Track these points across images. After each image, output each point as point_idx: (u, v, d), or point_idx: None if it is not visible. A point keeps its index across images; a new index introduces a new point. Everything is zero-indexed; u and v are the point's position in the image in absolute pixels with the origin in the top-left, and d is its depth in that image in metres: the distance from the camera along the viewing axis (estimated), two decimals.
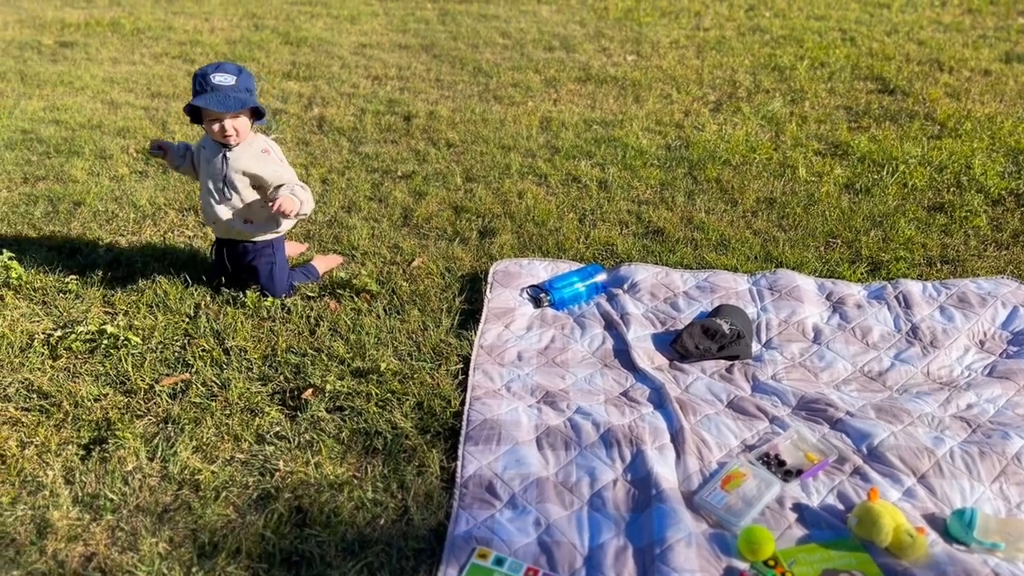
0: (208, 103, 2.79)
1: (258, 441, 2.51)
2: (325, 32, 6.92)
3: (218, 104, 2.79)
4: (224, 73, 2.81)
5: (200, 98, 2.80)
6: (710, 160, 4.37)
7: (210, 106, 2.79)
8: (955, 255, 3.47)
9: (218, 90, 2.79)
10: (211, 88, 2.79)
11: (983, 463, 2.34)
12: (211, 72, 2.81)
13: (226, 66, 2.84)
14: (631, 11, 7.40)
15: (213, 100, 2.79)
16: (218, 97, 2.79)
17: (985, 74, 5.65)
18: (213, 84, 2.79)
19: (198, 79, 2.81)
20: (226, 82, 2.80)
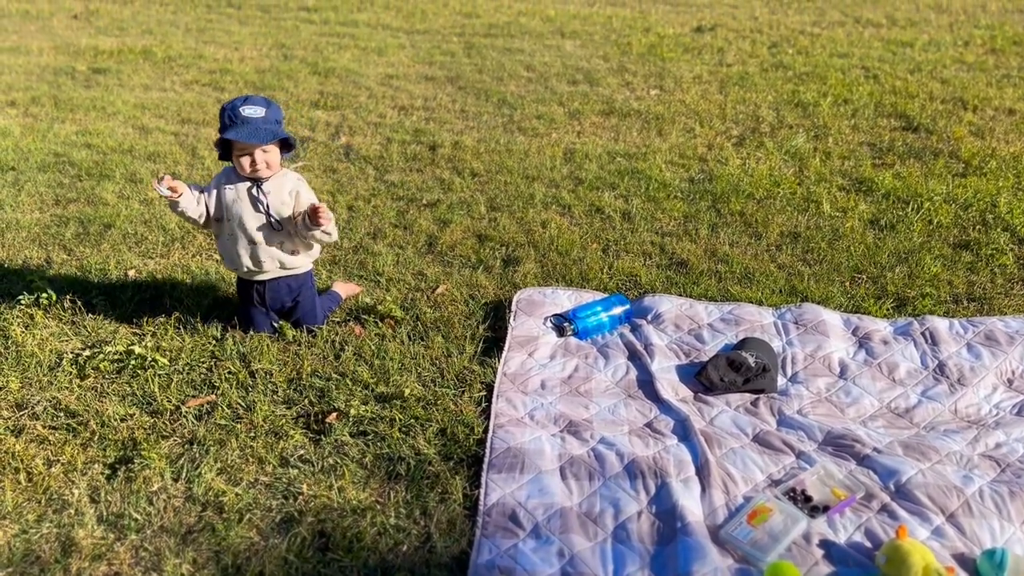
0: (239, 136, 2.77)
1: (282, 464, 2.52)
2: (353, 63, 7.03)
3: (249, 136, 2.77)
4: (253, 106, 2.79)
5: (231, 131, 2.77)
6: (734, 193, 4.38)
7: (241, 138, 2.77)
8: (982, 293, 3.45)
9: (248, 123, 2.77)
10: (241, 121, 2.77)
11: (1013, 503, 2.31)
12: (240, 105, 2.79)
13: (254, 99, 2.83)
14: (654, 47, 7.48)
15: (244, 132, 2.77)
16: (248, 130, 2.77)
17: (1010, 113, 5.65)
18: (243, 117, 2.77)
19: (227, 113, 2.79)
20: (256, 114, 2.78)
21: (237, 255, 2.99)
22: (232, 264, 3.04)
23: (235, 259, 3.00)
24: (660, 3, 9.48)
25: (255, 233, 2.94)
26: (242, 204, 2.91)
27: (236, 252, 2.98)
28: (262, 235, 2.95)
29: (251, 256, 2.98)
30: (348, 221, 4.10)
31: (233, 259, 3.01)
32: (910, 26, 8.16)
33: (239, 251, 2.98)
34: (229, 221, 2.94)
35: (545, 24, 8.46)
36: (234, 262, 3.02)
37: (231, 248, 2.99)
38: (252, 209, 2.92)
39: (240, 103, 2.80)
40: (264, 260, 2.99)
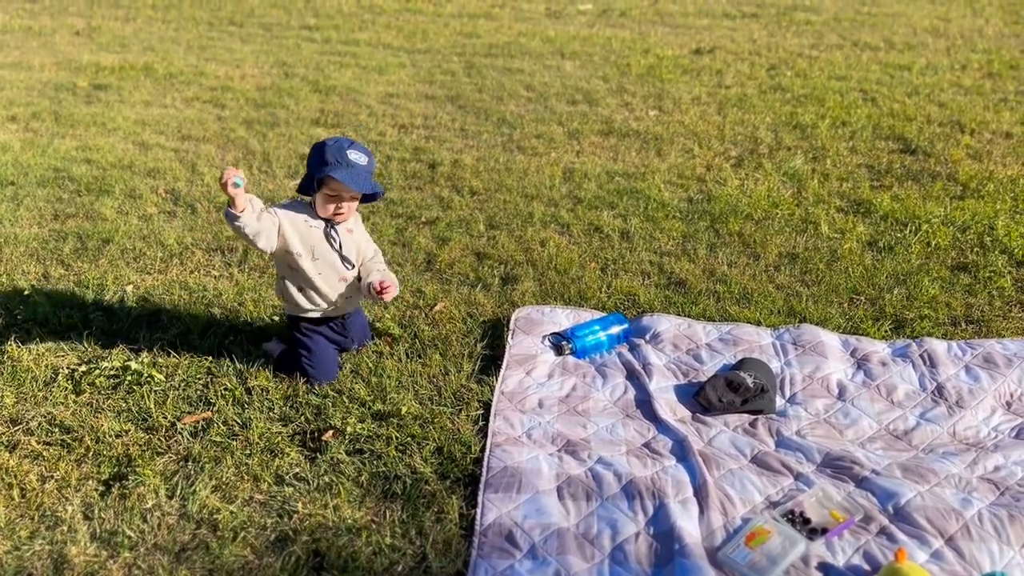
0: (346, 179, 2.64)
1: (277, 482, 2.50)
2: (353, 81, 7.06)
3: (353, 182, 2.66)
4: (359, 151, 2.69)
5: (339, 171, 2.64)
6: (732, 214, 4.39)
7: (347, 182, 2.65)
8: (980, 315, 3.45)
9: (353, 167, 2.67)
10: (346, 164, 2.66)
11: (1012, 527, 2.29)
12: (347, 147, 2.67)
13: (358, 145, 2.72)
14: (653, 68, 7.52)
15: (349, 176, 2.66)
16: (353, 174, 2.67)
17: (1007, 136, 5.67)
18: (349, 160, 2.66)
19: (332, 151, 2.65)
20: (360, 161, 2.68)
21: (321, 292, 2.86)
22: (311, 302, 2.89)
23: (316, 297, 2.87)
24: (659, 25, 9.55)
25: (338, 270, 2.86)
26: (325, 244, 2.82)
27: (320, 290, 2.86)
28: (342, 273, 2.87)
29: (336, 292, 2.88)
30: None
31: (312, 297, 2.87)
32: (908, 50, 8.22)
33: (324, 289, 2.86)
34: (317, 260, 2.82)
35: (545, 45, 8.51)
36: (313, 300, 2.88)
37: (316, 285, 2.85)
38: (331, 248, 2.83)
39: (346, 145, 2.68)
40: (351, 296, 2.93)
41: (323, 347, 2.95)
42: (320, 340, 2.95)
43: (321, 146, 2.70)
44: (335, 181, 2.66)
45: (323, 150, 2.68)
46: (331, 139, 2.72)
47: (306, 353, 2.92)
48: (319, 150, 2.70)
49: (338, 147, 2.67)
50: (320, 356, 2.94)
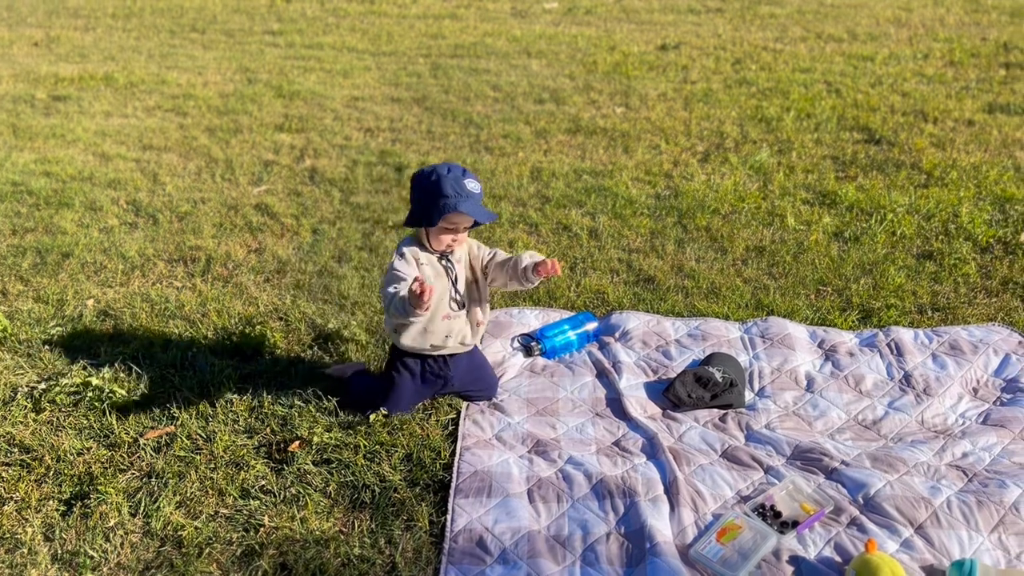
0: (472, 210, 2.50)
1: (243, 496, 2.46)
2: (318, 86, 7.00)
3: (478, 212, 2.51)
4: (473, 179, 2.55)
5: (465, 204, 2.49)
6: (699, 209, 4.39)
7: (473, 213, 2.50)
8: (945, 303, 3.47)
9: (472, 197, 2.52)
10: (467, 195, 2.51)
11: (981, 513, 2.31)
12: (463, 177, 2.52)
13: (468, 172, 2.56)
14: (619, 65, 7.52)
15: (474, 207, 2.51)
16: (475, 204, 2.52)
17: (969, 124, 5.73)
18: (469, 191, 2.51)
19: (451, 183, 2.49)
20: (477, 190, 2.54)
21: (429, 331, 2.69)
22: (416, 341, 2.71)
23: (424, 336, 2.70)
24: (625, 22, 9.57)
25: (447, 307, 2.70)
26: (440, 279, 2.67)
27: (429, 328, 2.69)
28: (445, 311, 2.70)
29: (444, 330, 2.71)
30: (312, 245, 4.06)
31: (420, 336, 2.70)
32: (871, 40, 8.29)
33: (433, 327, 2.69)
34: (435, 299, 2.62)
35: (511, 44, 8.49)
36: (420, 339, 2.70)
37: (423, 325, 2.68)
38: (446, 282, 2.68)
39: (460, 174, 2.53)
40: (451, 335, 2.74)
41: (408, 384, 2.77)
42: (408, 377, 2.77)
43: (435, 178, 2.51)
44: (460, 214, 2.51)
45: (440, 183, 2.49)
46: (440, 168, 2.54)
47: (388, 384, 2.77)
48: (435, 183, 2.50)
49: (455, 178, 2.51)
50: (401, 391, 2.76)
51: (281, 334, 3.25)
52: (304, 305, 3.48)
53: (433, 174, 2.53)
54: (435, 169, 2.55)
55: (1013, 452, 2.61)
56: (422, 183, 2.56)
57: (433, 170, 2.55)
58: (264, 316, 3.41)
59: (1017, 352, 3.10)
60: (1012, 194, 4.46)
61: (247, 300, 3.54)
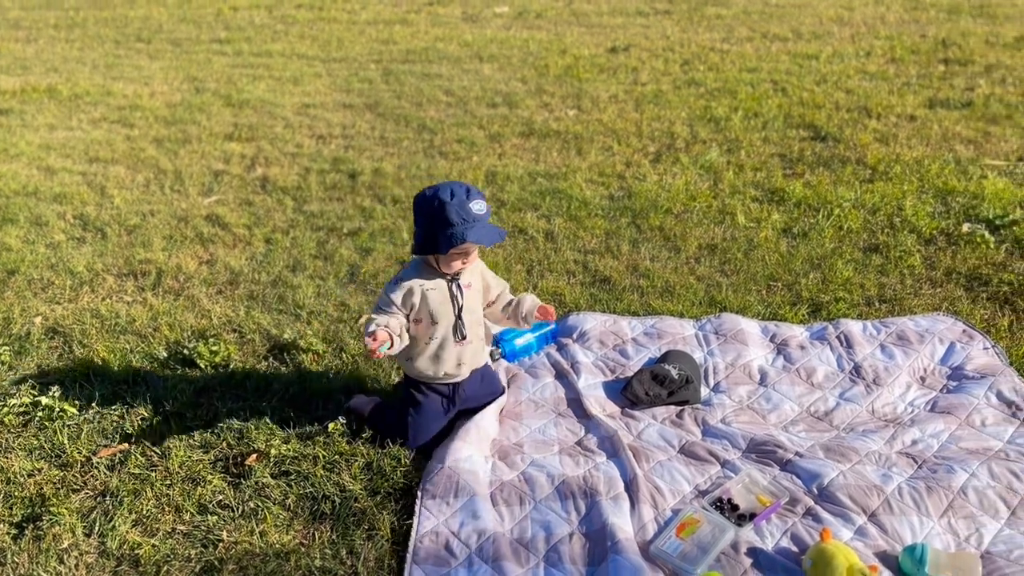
0: (481, 238, 2.40)
1: (200, 511, 2.42)
2: (268, 93, 6.93)
3: (486, 237, 2.42)
4: (478, 199, 2.42)
5: (472, 232, 2.39)
6: (652, 209, 4.44)
7: (482, 241, 2.40)
8: (892, 294, 3.56)
9: (479, 220, 2.41)
10: (473, 220, 2.40)
11: (931, 498, 2.37)
12: (468, 200, 2.40)
13: (473, 190, 2.43)
14: (570, 68, 7.58)
15: (482, 234, 2.41)
16: (482, 229, 2.42)
17: (911, 119, 5.89)
18: (474, 215, 2.40)
19: (456, 210, 2.37)
20: (484, 210, 2.43)
21: (440, 359, 2.62)
22: (428, 369, 2.64)
23: (435, 364, 2.63)
24: (575, 25, 9.63)
25: (461, 331, 2.61)
26: (447, 305, 2.57)
27: (440, 356, 2.61)
28: (467, 332, 2.62)
29: (456, 356, 2.64)
30: (266, 255, 4.02)
31: (431, 364, 2.63)
32: (815, 39, 8.46)
33: (444, 355, 2.61)
34: (435, 324, 2.57)
35: (463, 49, 8.50)
36: (432, 367, 2.64)
37: (435, 352, 2.61)
38: (453, 308, 2.59)
39: (465, 197, 2.40)
40: (465, 362, 2.67)
41: (427, 414, 2.69)
42: (425, 408, 2.70)
43: (438, 205, 2.39)
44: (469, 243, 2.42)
45: (445, 210, 2.37)
46: (443, 192, 2.41)
47: (408, 418, 2.68)
48: (439, 211, 2.38)
49: (460, 203, 2.38)
50: (420, 423, 2.68)
51: (235, 346, 3.21)
52: (258, 316, 3.45)
53: (436, 200, 2.39)
54: (437, 194, 2.40)
55: (960, 438, 2.68)
56: (426, 210, 2.43)
57: (435, 195, 2.41)
58: (217, 329, 3.36)
59: (962, 340, 3.19)
60: (953, 186, 4.59)
61: (199, 313, 3.49)
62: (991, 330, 3.27)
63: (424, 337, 2.60)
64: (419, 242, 2.50)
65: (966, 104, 6.16)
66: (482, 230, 2.42)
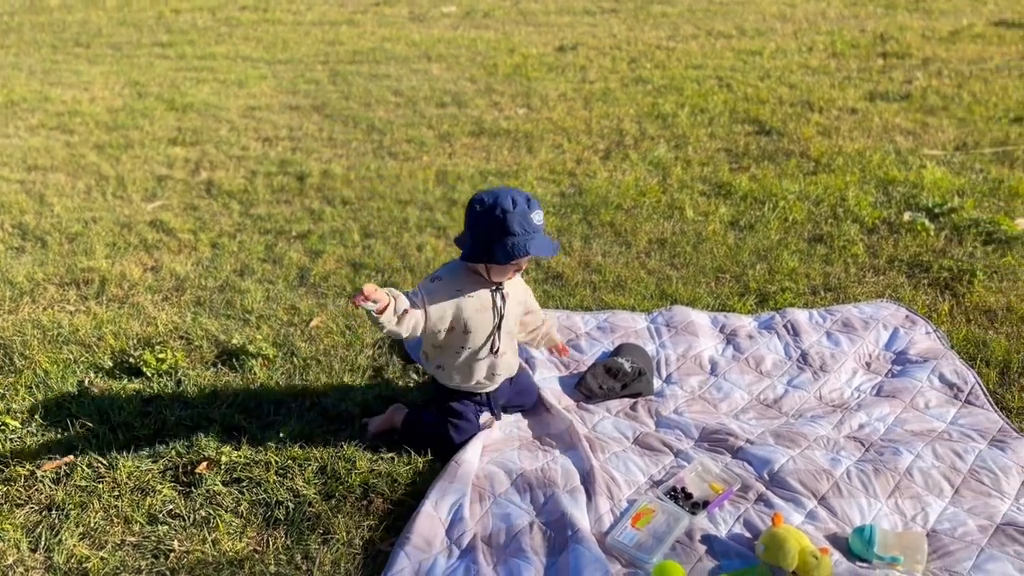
0: (542, 249, 2.33)
1: (150, 522, 2.37)
2: (212, 96, 6.81)
3: (547, 248, 2.35)
4: (538, 210, 2.34)
5: (534, 244, 2.31)
6: (603, 205, 4.48)
7: (543, 253, 2.34)
8: (836, 283, 3.64)
9: (538, 231, 2.33)
10: (534, 231, 2.31)
11: (878, 480, 2.43)
12: (529, 210, 2.31)
13: (534, 201, 2.34)
14: (519, 67, 7.59)
15: (543, 245, 2.34)
16: (541, 241, 2.34)
17: (852, 112, 6.02)
18: (535, 225, 2.32)
19: (519, 219, 2.27)
20: (541, 220, 2.35)
21: (473, 369, 2.55)
22: (463, 377, 2.57)
23: (467, 373, 2.55)
24: (523, 24, 9.66)
25: (496, 343, 2.53)
26: (486, 314, 2.48)
27: (472, 366, 2.54)
28: (501, 344, 2.54)
29: (488, 367, 2.57)
30: (212, 259, 3.95)
31: (463, 374, 2.56)
32: (758, 36, 8.61)
33: (476, 365, 2.54)
34: (468, 334, 2.48)
35: (411, 49, 8.46)
36: (463, 377, 2.56)
37: (467, 362, 2.53)
38: (492, 317, 2.50)
39: (527, 207, 2.30)
40: (498, 372, 2.61)
41: (471, 417, 2.63)
42: (471, 406, 2.65)
43: (499, 213, 2.28)
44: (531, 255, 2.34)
45: (507, 220, 2.28)
46: (503, 199, 2.30)
47: (455, 418, 2.60)
48: (502, 220, 2.28)
49: (522, 214, 2.28)
50: (469, 423, 2.62)
51: (183, 353, 3.15)
52: (206, 322, 3.39)
53: (498, 208, 2.29)
54: (498, 201, 2.30)
55: (905, 420, 2.76)
56: (484, 219, 2.31)
57: (496, 203, 2.30)
58: (164, 336, 3.30)
59: (904, 326, 3.27)
60: (894, 176, 4.71)
61: (145, 321, 3.42)
62: (932, 315, 3.36)
63: (456, 346, 2.50)
64: (470, 250, 2.37)
65: (904, 96, 6.33)
66: (542, 241, 2.34)
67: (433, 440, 2.61)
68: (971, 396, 2.86)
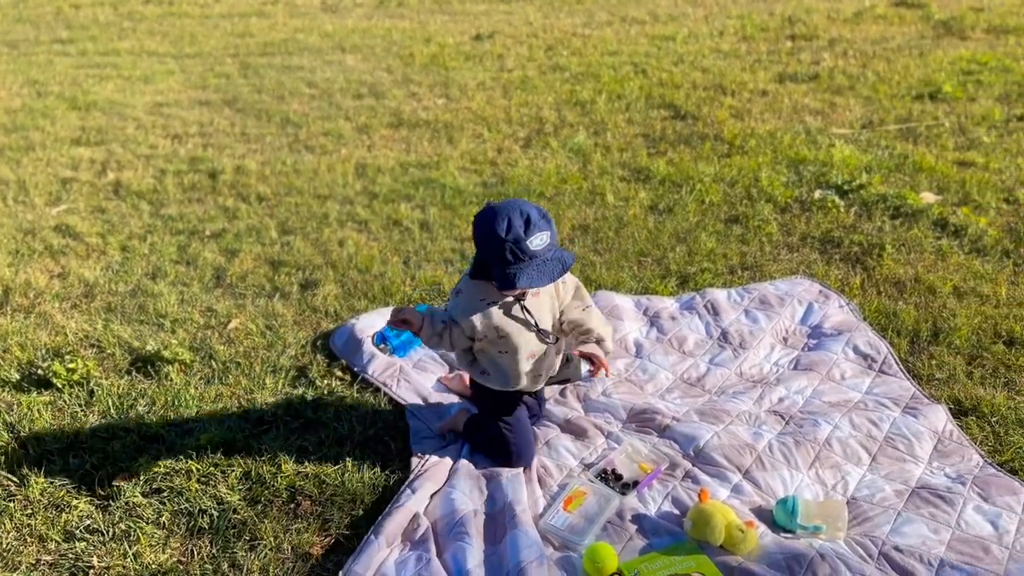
0: (531, 281, 2.16)
1: (67, 539, 2.27)
2: (117, 94, 6.55)
3: (545, 277, 2.18)
4: (542, 232, 2.15)
5: (523, 277, 2.15)
6: (525, 193, 4.48)
7: (535, 285, 2.17)
8: (753, 261, 3.73)
9: (536, 257, 2.16)
10: (528, 257, 2.15)
11: (799, 452, 2.50)
12: (527, 234, 2.13)
13: (536, 220, 2.16)
14: (436, 56, 7.53)
15: (538, 275, 2.17)
16: (541, 267, 2.18)
17: (763, 94, 6.17)
18: (533, 252, 2.14)
19: (511, 248, 2.13)
20: (544, 243, 2.16)
21: (515, 373, 2.44)
22: (505, 380, 2.47)
23: (510, 376, 2.45)
24: (438, 13, 9.58)
25: (528, 347, 2.41)
26: (513, 321, 2.37)
27: (514, 369, 2.44)
28: (531, 349, 2.43)
29: (531, 370, 2.47)
30: (123, 263, 3.80)
31: (507, 375, 2.45)
32: (671, 21, 8.74)
33: (518, 369, 2.43)
34: (503, 338, 2.38)
35: (324, 40, 8.30)
36: (507, 378, 2.46)
37: (507, 364, 2.43)
38: (522, 326, 2.39)
39: (523, 232, 2.13)
40: (542, 373, 2.51)
41: (524, 420, 2.55)
42: (523, 412, 2.55)
43: (493, 238, 2.15)
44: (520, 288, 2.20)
45: (497, 247, 2.15)
46: (499, 221, 2.15)
47: (507, 427, 2.51)
48: (492, 245, 2.16)
49: (515, 240, 2.13)
50: (520, 422, 2.53)
51: (95, 362, 3.03)
52: (118, 328, 3.26)
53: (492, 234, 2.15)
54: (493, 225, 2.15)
55: (822, 392, 2.84)
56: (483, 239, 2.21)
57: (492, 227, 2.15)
58: (74, 345, 3.16)
59: (819, 300, 3.37)
60: (804, 156, 4.85)
61: (53, 330, 3.27)
62: (845, 289, 3.48)
63: (493, 351, 2.43)
64: (472, 269, 2.33)
65: (813, 77, 6.52)
66: (539, 269, 2.17)
67: (494, 444, 2.54)
68: (884, 366, 2.97)
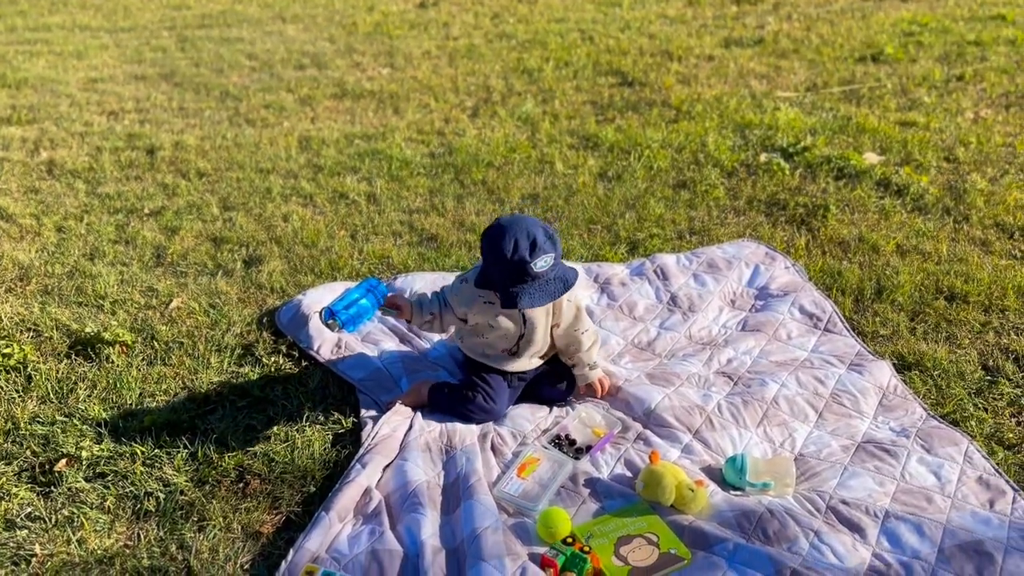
0: (532, 302, 2.25)
1: (7, 527, 2.20)
2: (48, 70, 6.31)
3: (545, 297, 2.28)
4: (547, 254, 2.24)
5: (524, 298, 2.24)
6: (474, 164, 4.44)
7: (535, 305, 2.28)
8: (701, 226, 3.76)
9: (538, 279, 2.26)
10: (533, 278, 2.24)
11: (747, 411, 2.54)
12: (533, 258, 2.22)
13: (542, 241, 2.24)
14: (380, 25, 7.40)
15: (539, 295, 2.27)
16: (541, 287, 2.27)
17: (709, 59, 6.19)
18: (535, 273, 2.23)
19: (513, 269, 2.22)
20: (548, 264, 2.26)
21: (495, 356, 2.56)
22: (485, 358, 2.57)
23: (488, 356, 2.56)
24: None
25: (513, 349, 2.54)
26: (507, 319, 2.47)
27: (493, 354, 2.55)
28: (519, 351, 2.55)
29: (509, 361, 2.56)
30: (58, 244, 3.67)
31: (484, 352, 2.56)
32: None
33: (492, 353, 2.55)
34: (492, 328, 2.49)
35: (263, 10, 8.09)
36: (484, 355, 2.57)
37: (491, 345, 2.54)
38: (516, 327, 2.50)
39: (528, 254, 2.21)
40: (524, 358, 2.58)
41: (500, 383, 2.57)
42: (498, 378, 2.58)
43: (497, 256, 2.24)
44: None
45: (501, 266, 2.25)
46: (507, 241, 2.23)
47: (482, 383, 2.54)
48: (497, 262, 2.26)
49: (519, 263, 2.22)
50: (497, 388, 2.55)
51: (32, 346, 2.93)
52: (55, 311, 3.15)
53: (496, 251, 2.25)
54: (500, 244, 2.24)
55: (769, 352, 2.88)
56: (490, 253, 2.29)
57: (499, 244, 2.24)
58: (9, 330, 3.05)
59: (765, 262, 3.41)
60: (750, 120, 4.89)
61: None
62: (791, 250, 3.52)
63: (480, 331, 2.53)
64: (477, 276, 2.41)
65: (758, 42, 6.56)
66: (541, 290, 2.27)
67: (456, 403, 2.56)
68: (829, 324, 3.02)
